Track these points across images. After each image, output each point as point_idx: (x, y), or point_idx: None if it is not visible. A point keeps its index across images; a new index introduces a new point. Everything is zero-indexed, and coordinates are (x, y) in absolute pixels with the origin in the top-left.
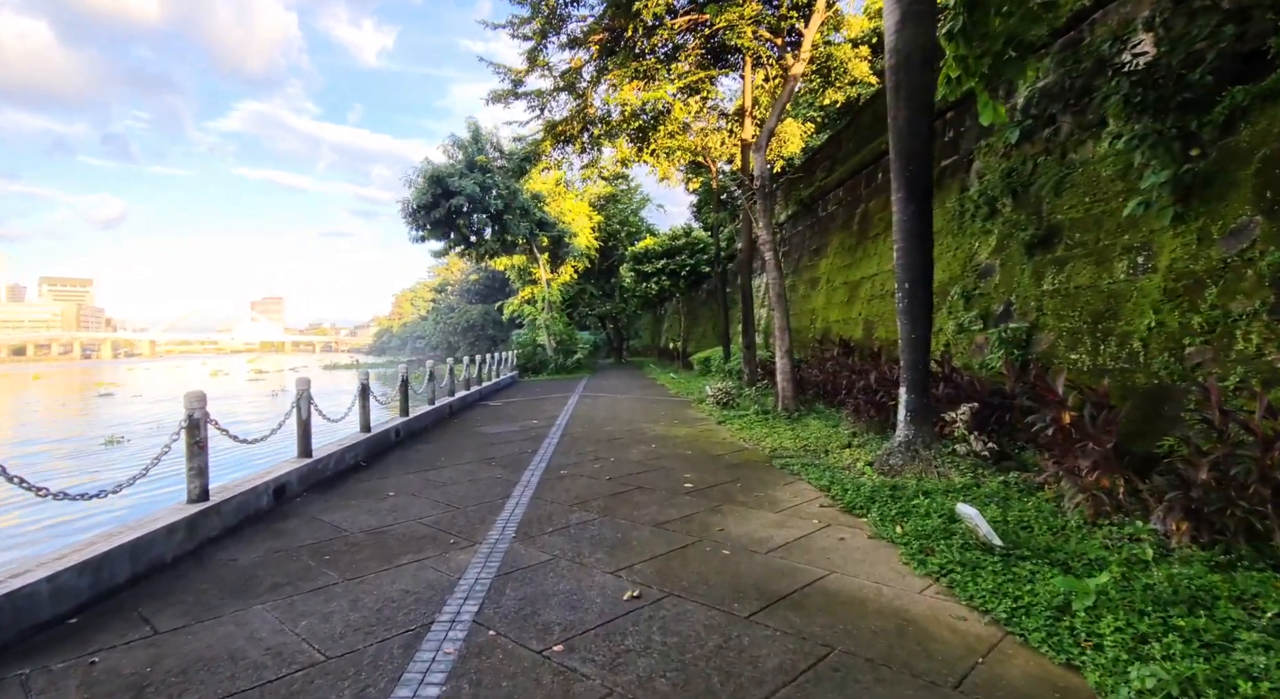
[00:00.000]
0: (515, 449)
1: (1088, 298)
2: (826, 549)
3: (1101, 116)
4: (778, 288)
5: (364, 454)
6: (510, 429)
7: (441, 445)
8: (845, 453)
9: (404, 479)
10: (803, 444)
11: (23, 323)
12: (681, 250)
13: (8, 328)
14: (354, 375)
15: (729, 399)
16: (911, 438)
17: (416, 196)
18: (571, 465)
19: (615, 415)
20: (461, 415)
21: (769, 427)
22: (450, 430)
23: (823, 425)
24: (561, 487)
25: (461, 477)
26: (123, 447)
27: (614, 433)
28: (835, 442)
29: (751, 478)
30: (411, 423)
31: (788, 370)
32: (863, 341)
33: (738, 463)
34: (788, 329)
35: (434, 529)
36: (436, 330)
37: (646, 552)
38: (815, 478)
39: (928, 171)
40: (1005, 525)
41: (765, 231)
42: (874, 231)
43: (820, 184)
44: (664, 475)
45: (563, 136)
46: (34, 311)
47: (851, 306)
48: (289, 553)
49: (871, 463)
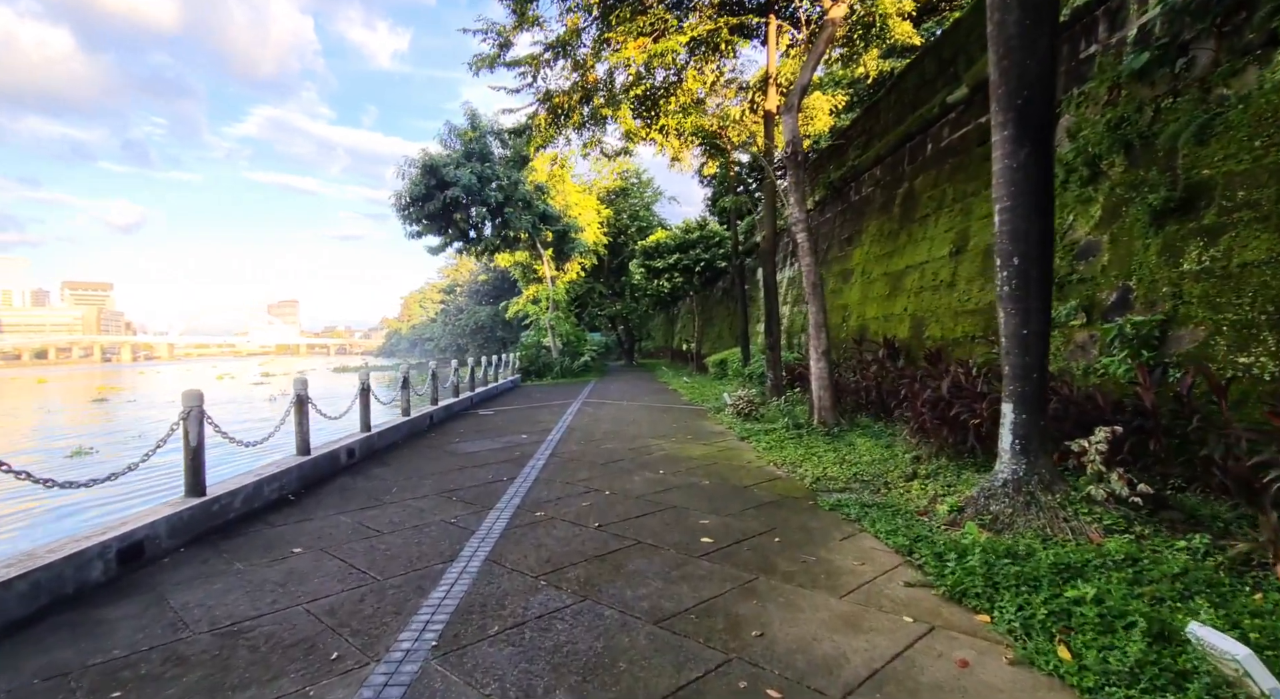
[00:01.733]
0: (489, 475)
1: (1265, 278)
2: (945, 689)
3: (1273, 33)
4: (812, 277)
5: (295, 484)
6: (492, 446)
7: (402, 469)
8: (913, 488)
9: (330, 523)
10: (853, 472)
11: (44, 327)
12: (695, 244)
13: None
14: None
15: (751, 409)
16: (1022, 475)
17: (410, 188)
18: (553, 502)
19: (619, 428)
20: (442, 428)
21: (804, 446)
22: (421, 447)
23: (872, 445)
24: (532, 540)
25: (406, 520)
26: (88, 459)
27: (615, 452)
28: (894, 469)
29: (793, 525)
30: (373, 440)
31: (825, 376)
32: (909, 341)
33: (772, 500)
34: (824, 326)
35: (322, 626)
36: (445, 332)
37: (642, 690)
38: (885, 529)
39: (1049, 100)
40: (1270, 656)
41: (798, 209)
42: (920, 213)
43: (853, 164)
44: (673, 520)
45: (560, 110)
46: (56, 316)
47: (893, 301)
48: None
49: (962, 508)
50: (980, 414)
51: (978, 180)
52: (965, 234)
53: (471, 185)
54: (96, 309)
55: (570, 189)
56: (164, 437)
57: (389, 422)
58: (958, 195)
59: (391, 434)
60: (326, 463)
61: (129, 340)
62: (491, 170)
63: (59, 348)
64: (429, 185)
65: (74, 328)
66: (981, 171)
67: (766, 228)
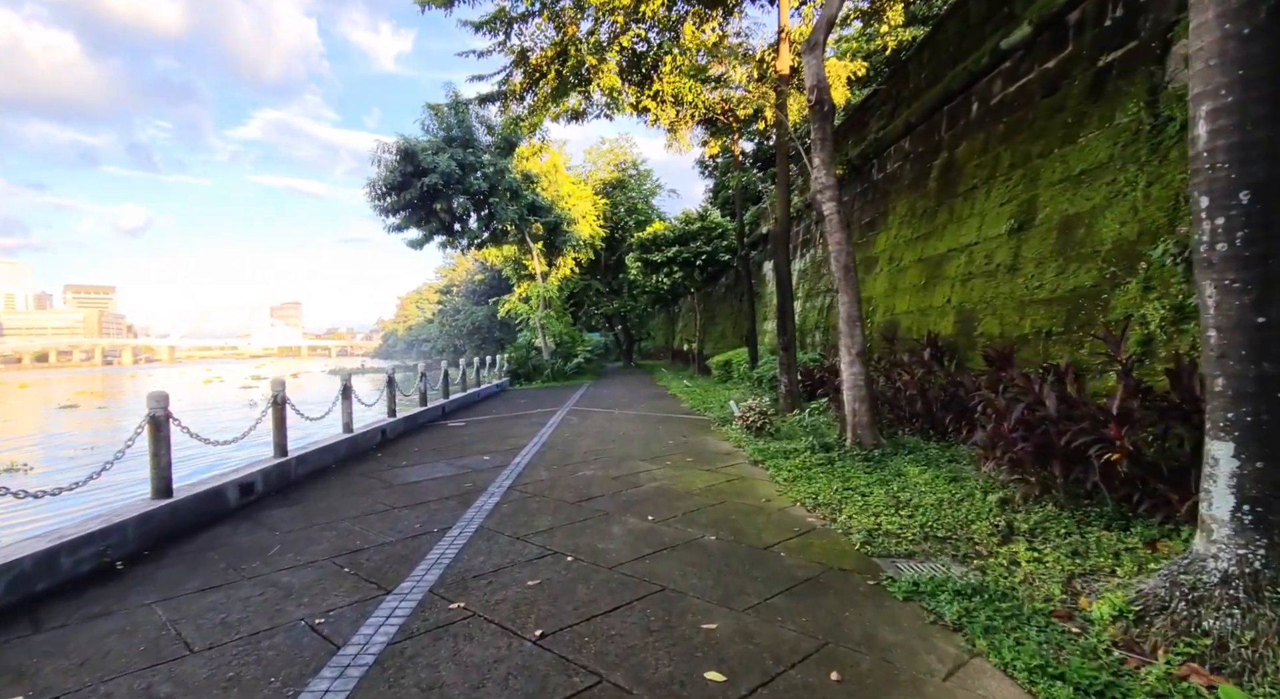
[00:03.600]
0: (418, 523)
1: None
2: None
3: None
4: (844, 259)
5: (134, 542)
6: (443, 473)
7: (310, 511)
8: (1019, 553)
9: (127, 626)
10: (918, 523)
11: (46, 330)
12: (696, 236)
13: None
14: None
15: (764, 422)
16: (1260, 566)
17: (385, 176)
18: (487, 578)
19: (604, 446)
20: (395, 445)
21: (839, 476)
22: (355, 475)
23: (930, 477)
24: (424, 673)
25: (250, 618)
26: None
27: (593, 483)
28: (976, 518)
29: (855, 636)
30: (289, 467)
31: (861, 383)
32: (954, 339)
33: (810, 574)
34: (859, 320)
35: None
36: (441, 333)
37: None
38: (1018, 659)
39: None
40: None
41: (824, 172)
42: (965, 185)
43: (875, 137)
44: (662, 623)
45: (538, 72)
46: (58, 319)
47: (931, 292)
48: None
49: (1141, 615)
50: (1120, 446)
51: (1045, 139)
52: (1031, 205)
53: (451, 173)
54: (98, 312)
55: (564, 179)
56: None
57: (324, 439)
58: (1017, 159)
59: (321, 457)
60: (202, 505)
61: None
62: (475, 157)
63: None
64: (405, 173)
65: (75, 331)
66: (1049, 128)
67: (779, 208)
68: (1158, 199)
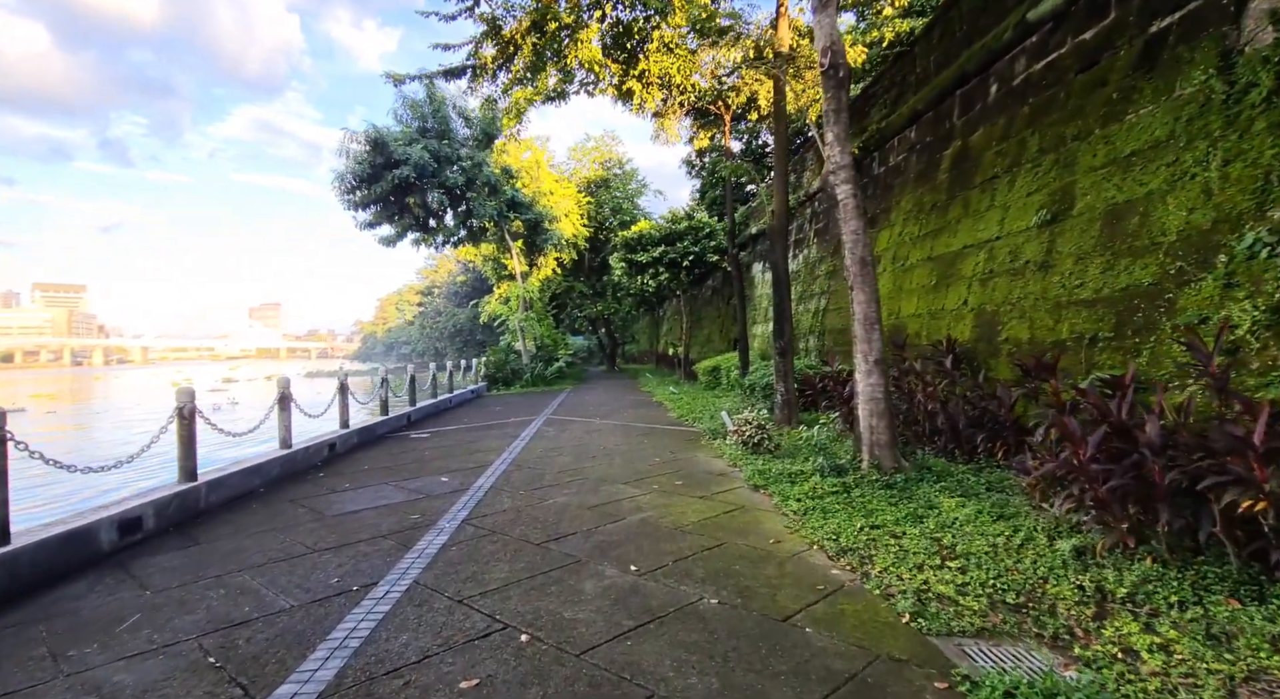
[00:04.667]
0: (336, 578)
1: None
2: None
3: None
4: (860, 251)
5: None
6: (388, 501)
7: (207, 558)
8: (1132, 638)
9: None
10: (980, 581)
11: (12, 329)
12: (683, 236)
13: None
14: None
15: (762, 438)
16: None
17: (353, 167)
18: (406, 674)
19: (581, 465)
20: (343, 461)
21: (860, 509)
22: (282, 502)
23: (970, 511)
24: None
25: None
26: None
27: (566, 515)
28: (1049, 572)
29: None
30: (199, 495)
31: (879, 396)
32: (973, 345)
33: (854, 670)
34: (877, 322)
35: None
36: (422, 336)
37: None
38: None
39: None
40: None
41: (840, 150)
42: (982, 176)
43: (876, 129)
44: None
45: (512, 44)
46: (25, 318)
47: (944, 292)
48: None
49: None
50: (1269, 491)
51: (1082, 119)
52: (1067, 194)
53: (425, 165)
54: (68, 311)
55: (546, 176)
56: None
57: (251, 458)
58: (1047, 144)
59: (245, 480)
60: (55, 553)
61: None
62: (451, 149)
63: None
64: (375, 164)
65: (43, 330)
66: (1088, 107)
67: (778, 201)
68: (1239, 179)
